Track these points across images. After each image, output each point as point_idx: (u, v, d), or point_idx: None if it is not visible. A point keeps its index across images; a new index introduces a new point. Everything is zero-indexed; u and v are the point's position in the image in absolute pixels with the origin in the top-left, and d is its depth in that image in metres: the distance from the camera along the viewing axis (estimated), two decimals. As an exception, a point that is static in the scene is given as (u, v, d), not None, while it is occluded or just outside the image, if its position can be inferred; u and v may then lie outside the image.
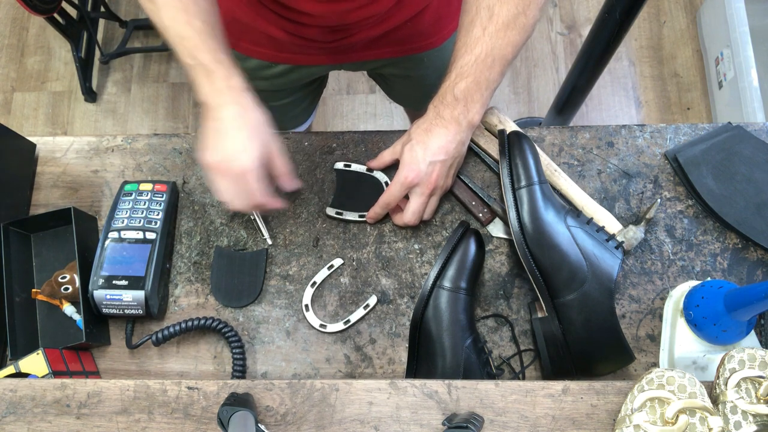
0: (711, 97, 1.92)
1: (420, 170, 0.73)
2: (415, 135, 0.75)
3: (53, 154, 0.88)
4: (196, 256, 0.83)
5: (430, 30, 0.92)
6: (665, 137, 0.86)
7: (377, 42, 0.90)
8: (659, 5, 2.08)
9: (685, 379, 0.58)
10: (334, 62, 0.94)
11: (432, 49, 0.95)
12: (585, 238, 0.73)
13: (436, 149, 0.73)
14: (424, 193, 0.75)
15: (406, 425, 0.62)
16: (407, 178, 0.74)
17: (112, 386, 0.65)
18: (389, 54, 0.95)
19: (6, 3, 2.16)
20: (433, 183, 0.75)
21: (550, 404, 0.63)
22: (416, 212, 0.77)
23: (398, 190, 0.75)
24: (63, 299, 0.79)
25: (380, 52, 0.93)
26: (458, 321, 0.73)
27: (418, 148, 0.74)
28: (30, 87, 2.07)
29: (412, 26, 0.89)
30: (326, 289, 0.81)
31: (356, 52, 0.92)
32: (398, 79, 1.06)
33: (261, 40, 0.88)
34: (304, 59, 0.92)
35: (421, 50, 0.95)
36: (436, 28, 0.93)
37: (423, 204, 0.76)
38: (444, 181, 0.76)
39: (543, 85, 2.01)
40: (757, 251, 0.80)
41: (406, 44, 0.93)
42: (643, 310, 0.78)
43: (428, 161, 0.73)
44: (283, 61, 0.92)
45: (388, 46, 0.92)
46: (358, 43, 0.89)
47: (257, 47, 0.90)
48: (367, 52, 0.93)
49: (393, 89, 1.12)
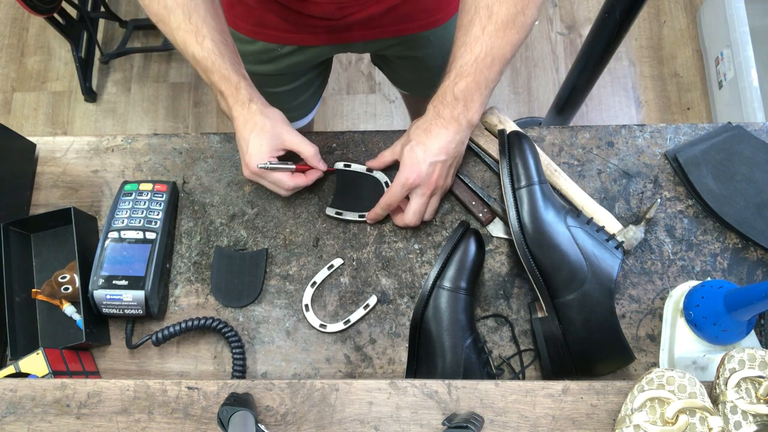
0: (711, 97, 1.92)
1: (421, 171, 0.73)
2: (415, 136, 0.75)
3: (53, 154, 0.88)
4: (196, 256, 0.83)
5: (433, 6, 0.92)
6: (665, 137, 0.86)
7: (381, 19, 0.90)
8: (659, 5, 2.08)
9: (685, 379, 0.58)
10: (339, 42, 0.94)
11: (437, 27, 0.95)
12: (585, 238, 0.73)
13: (436, 150, 0.73)
14: (425, 194, 0.75)
15: (406, 425, 0.62)
16: (408, 179, 0.74)
17: (112, 386, 0.65)
18: (394, 33, 0.95)
19: (6, 3, 2.16)
20: (433, 183, 0.75)
21: (550, 404, 0.63)
22: (417, 213, 0.77)
23: (399, 191, 0.75)
24: (63, 299, 0.79)
25: (384, 30, 0.93)
26: (458, 321, 0.73)
27: (418, 149, 0.74)
28: (30, 87, 2.07)
29: (414, 2, 0.89)
30: (326, 289, 0.81)
31: (360, 30, 0.92)
32: (403, 61, 1.06)
33: (266, 22, 0.89)
34: (309, 39, 0.92)
35: (425, 28, 0.95)
36: (439, 5, 0.93)
37: (424, 205, 0.77)
38: (444, 181, 0.77)
39: (543, 85, 2.01)
40: (757, 251, 0.80)
41: (410, 22, 0.93)
42: (643, 310, 0.78)
43: (429, 162, 0.73)
44: (289, 42, 0.92)
45: (393, 25, 0.92)
46: (362, 21, 0.89)
47: (263, 29, 0.90)
48: (371, 31, 0.93)
49: (397, 72, 1.12)
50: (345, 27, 0.90)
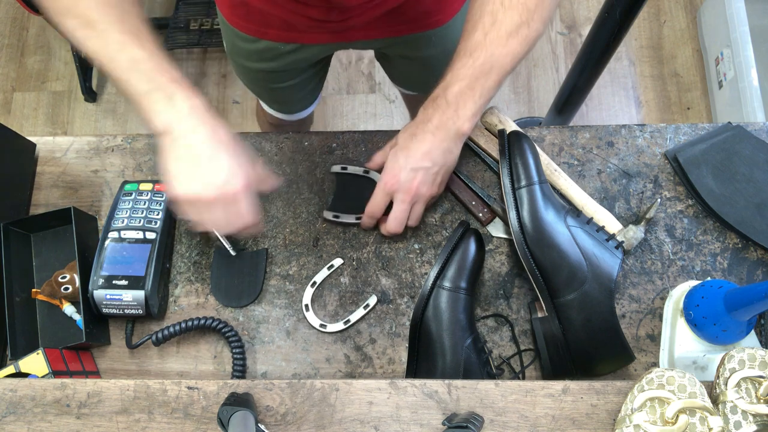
0: (711, 96, 1.92)
1: (399, 177, 0.72)
2: (401, 140, 0.74)
3: (53, 154, 0.88)
4: (196, 255, 0.83)
5: (434, 8, 0.92)
6: (665, 137, 0.86)
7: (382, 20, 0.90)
8: (659, 5, 2.08)
9: (685, 378, 0.58)
10: (341, 40, 0.94)
11: (439, 27, 0.95)
12: (585, 238, 0.73)
13: (419, 156, 0.72)
14: (405, 200, 0.74)
15: (406, 425, 0.62)
16: (386, 184, 0.73)
17: (112, 386, 0.65)
18: (395, 33, 0.94)
19: (6, 3, 2.16)
20: (414, 190, 0.73)
21: (550, 404, 0.63)
22: (397, 219, 0.75)
23: (380, 197, 0.74)
24: (63, 299, 0.79)
25: (385, 30, 0.93)
26: (458, 321, 0.73)
27: (400, 154, 0.72)
28: (30, 87, 2.06)
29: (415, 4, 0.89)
30: (326, 289, 0.81)
31: (362, 30, 0.92)
32: (404, 60, 1.05)
33: (269, 22, 0.89)
34: (312, 38, 0.92)
35: (426, 28, 0.94)
36: (440, 6, 0.92)
37: (405, 212, 0.75)
38: (428, 188, 0.74)
39: (543, 84, 2.01)
40: (757, 251, 0.80)
41: (411, 23, 0.93)
42: (643, 310, 0.78)
43: (410, 168, 0.72)
44: (291, 40, 0.92)
45: (394, 26, 0.92)
46: (363, 23, 0.89)
47: (266, 29, 0.90)
48: (372, 31, 0.93)
49: (398, 70, 1.11)
50: (346, 28, 0.90)
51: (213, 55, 2.06)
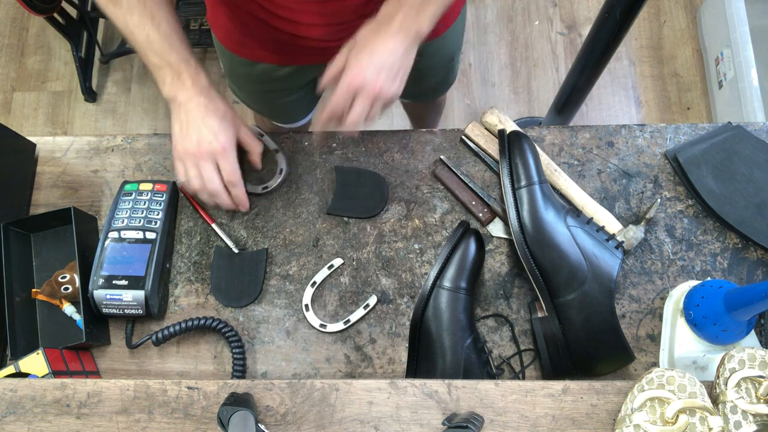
0: (711, 96, 1.92)
1: (364, 75, 0.71)
2: (361, 39, 0.73)
3: (53, 154, 0.88)
4: (196, 256, 0.83)
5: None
6: (665, 137, 0.86)
7: None
8: (659, 5, 2.08)
9: (685, 378, 0.58)
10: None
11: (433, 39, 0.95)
12: (585, 238, 0.73)
13: (384, 54, 0.71)
14: (368, 97, 0.72)
15: (406, 425, 0.62)
16: (351, 83, 0.71)
17: (112, 386, 0.65)
18: None
19: (6, 3, 2.16)
20: (378, 89, 0.72)
21: (550, 404, 0.63)
22: (359, 116, 0.73)
23: (343, 96, 0.72)
24: (63, 299, 0.79)
25: None
26: (458, 321, 0.73)
27: (364, 52, 0.71)
28: (30, 87, 2.06)
29: None
30: (326, 289, 0.81)
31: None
32: None
33: (267, 46, 0.90)
34: (307, 59, 0.93)
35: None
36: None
37: (366, 109, 0.73)
38: (389, 86, 0.73)
39: (543, 85, 2.01)
40: (757, 251, 0.80)
41: None
42: (643, 310, 0.78)
43: (373, 66, 0.71)
44: (288, 63, 0.94)
45: None
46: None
47: (264, 52, 0.91)
48: None
49: None
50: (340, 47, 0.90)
51: (213, 54, 2.06)
